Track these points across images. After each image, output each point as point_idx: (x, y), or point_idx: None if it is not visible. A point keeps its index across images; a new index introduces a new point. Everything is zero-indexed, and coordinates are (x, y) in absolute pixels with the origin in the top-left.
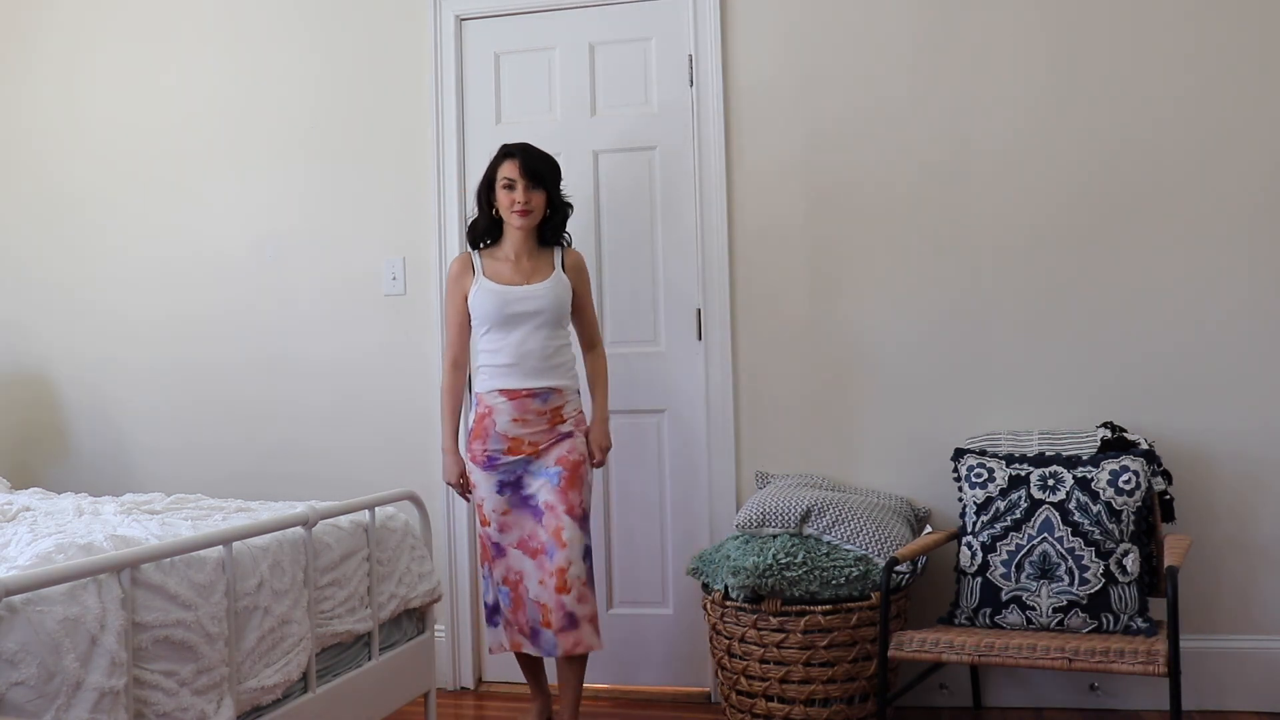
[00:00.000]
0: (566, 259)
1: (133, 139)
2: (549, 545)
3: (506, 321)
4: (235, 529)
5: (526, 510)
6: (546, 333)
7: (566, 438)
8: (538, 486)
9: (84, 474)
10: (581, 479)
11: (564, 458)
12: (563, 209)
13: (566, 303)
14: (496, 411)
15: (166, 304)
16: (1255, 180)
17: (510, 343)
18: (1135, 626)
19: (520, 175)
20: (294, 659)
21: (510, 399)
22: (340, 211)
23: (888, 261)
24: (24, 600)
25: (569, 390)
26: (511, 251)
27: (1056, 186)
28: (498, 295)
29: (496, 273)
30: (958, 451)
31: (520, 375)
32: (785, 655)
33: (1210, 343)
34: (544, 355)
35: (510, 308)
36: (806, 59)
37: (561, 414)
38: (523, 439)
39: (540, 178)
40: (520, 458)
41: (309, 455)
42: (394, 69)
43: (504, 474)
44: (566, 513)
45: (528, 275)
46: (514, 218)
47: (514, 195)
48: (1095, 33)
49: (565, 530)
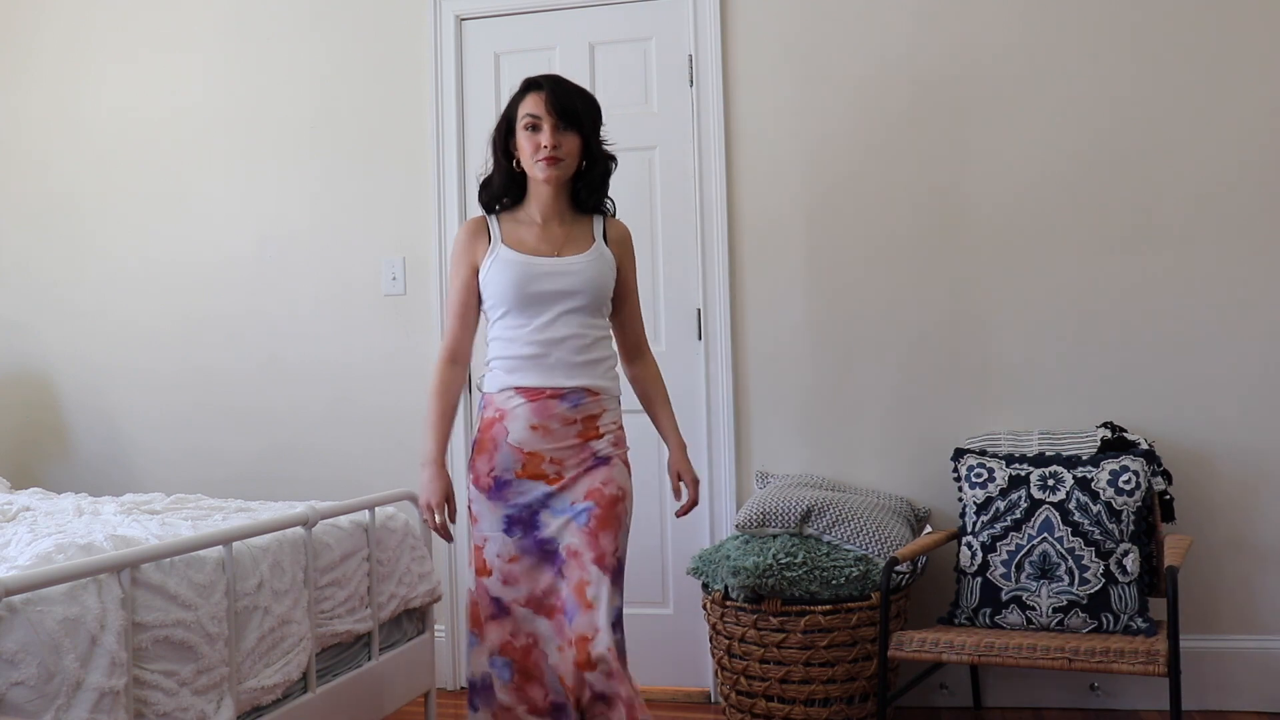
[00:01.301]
0: (610, 230)
1: (133, 140)
2: (569, 605)
3: (529, 302)
4: (235, 529)
5: (543, 558)
6: (582, 319)
7: (602, 464)
8: (559, 527)
9: (84, 474)
10: (619, 520)
11: (597, 490)
12: (603, 161)
13: (608, 283)
14: (510, 416)
15: (166, 303)
16: (1255, 180)
17: (533, 329)
18: (1135, 626)
19: (548, 112)
20: (294, 659)
21: (530, 400)
22: (340, 211)
23: (888, 261)
24: (24, 600)
25: (608, 396)
26: (538, 213)
27: (1056, 186)
28: (520, 267)
29: (518, 240)
30: (958, 451)
31: (544, 370)
32: (785, 655)
33: (1210, 343)
34: (578, 347)
35: (535, 284)
36: (807, 59)
37: (596, 426)
38: (543, 455)
39: (574, 117)
40: (538, 484)
41: (309, 455)
42: (394, 69)
43: (515, 506)
44: (595, 562)
45: (559, 245)
46: (540, 167)
47: (539, 138)
48: (1096, 33)
49: (591, 586)
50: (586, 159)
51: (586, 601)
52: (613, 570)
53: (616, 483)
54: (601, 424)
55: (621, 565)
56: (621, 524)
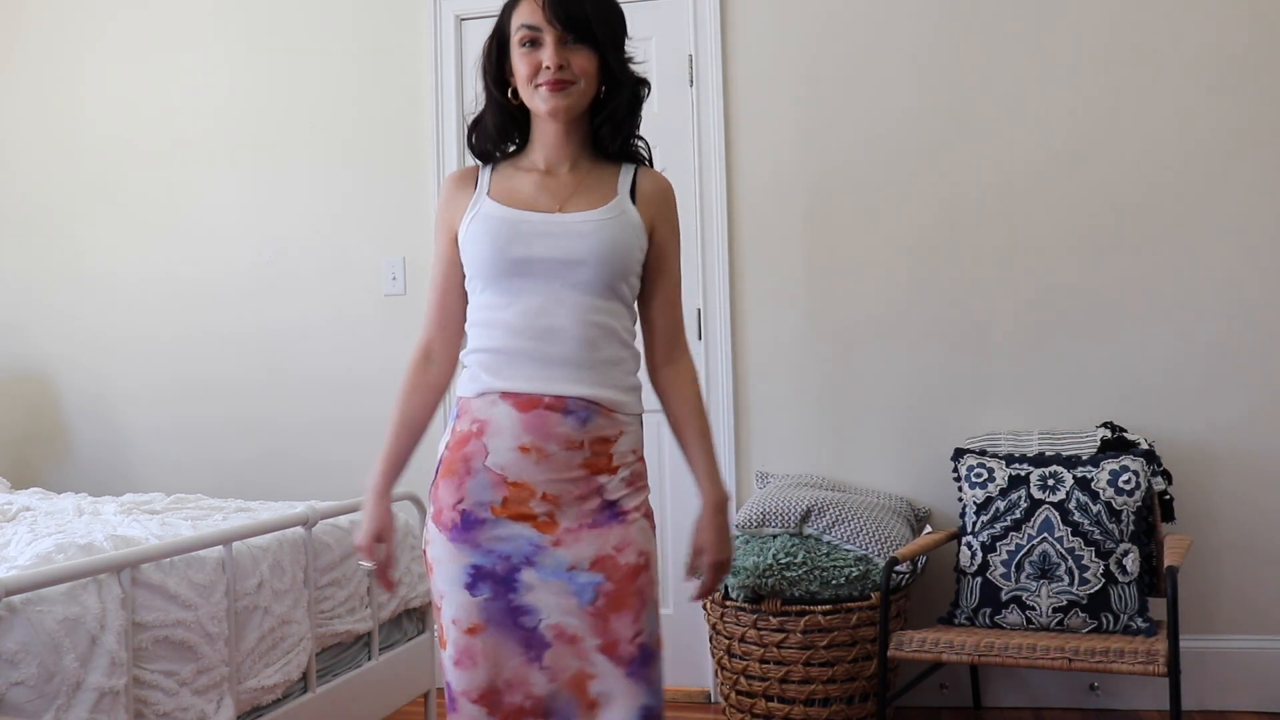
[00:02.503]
0: (643, 180)
1: (133, 140)
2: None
3: (511, 271)
4: (235, 529)
5: (513, 634)
6: (586, 301)
7: (616, 520)
8: (546, 596)
9: (84, 474)
10: (640, 597)
11: (608, 558)
12: (630, 85)
13: (631, 251)
14: (492, 430)
15: (166, 303)
16: (1254, 180)
17: (521, 311)
18: (1135, 626)
19: (550, 21)
20: (294, 659)
21: (521, 410)
22: (340, 211)
23: (888, 261)
24: (24, 600)
25: (626, 414)
26: (543, 159)
27: (1057, 187)
28: (502, 224)
29: (509, 191)
30: (958, 451)
31: (541, 369)
32: (785, 655)
33: (1210, 343)
34: (585, 339)
35: (520, 247)
36: (807, 59)
37: (609, 455)
38: (533, 488)
39: (584, 25)
40: (522, 528)
41: (308, 454)
42: (394, 69)
43: (488, 555)
44: (603, 651)
45: (562, 198)
46: (541, 95)
47: (538, 56)
48: (1097, 37)
49: (597, 680)
50: (606, 83)
51: (589, 700)
52: (631, 661)
53: (636, 546)
54: (616, 453)
55: (648, 652)
56: (645, 600)
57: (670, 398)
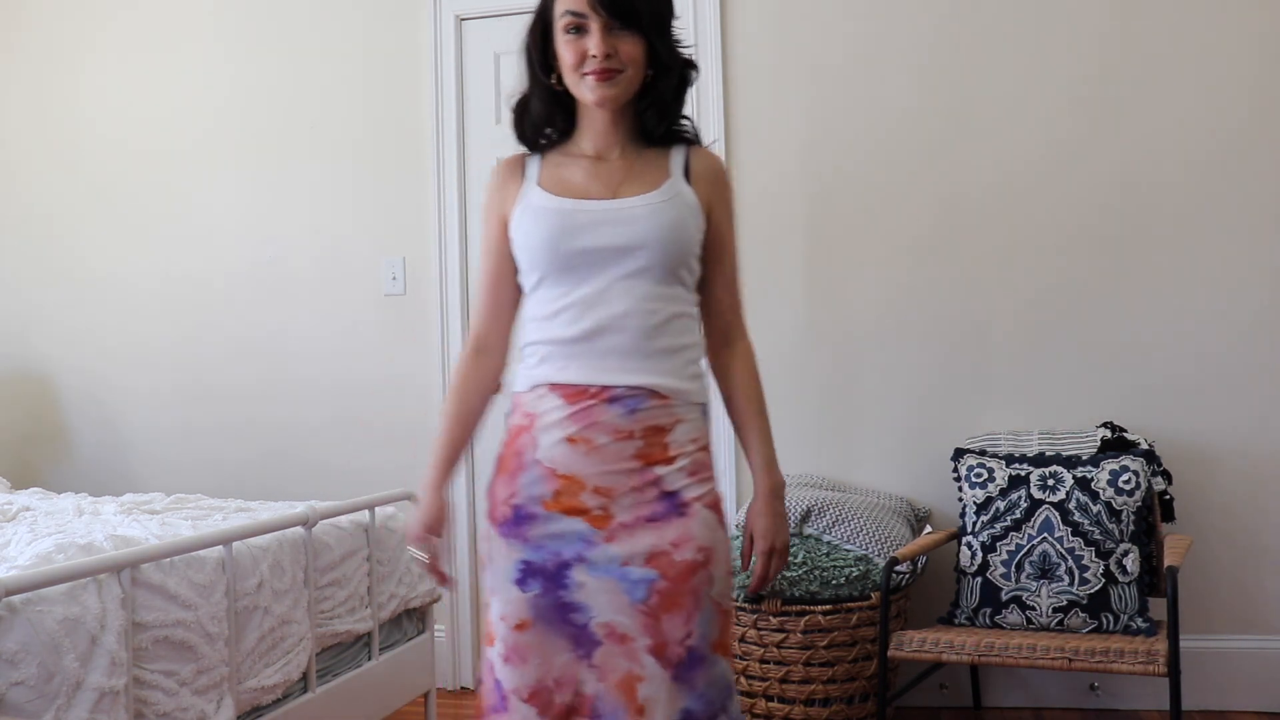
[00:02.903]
0: (695, 160)
1: (133, 140)
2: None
3: (569, 263)
4: (235, 529)
5: (563, 631)
6: (647, 288)
7: (675, 513)
8: (598, 592)
9: (84, 474)
10: (695, 596)
11: (663, 554)
12: (677, 69)
13: (690, 233)
14: (541, 424)
15: (166, 303)
16: (1254, 180)
17: (578, 302)
18: (1135, 626)
19: (595, 8)
20: (294, 659)
21: (569, 400)
22: (340, 211)
23: (888, 261)
24: (24, 600)
25: (684, 402)
26: (591, 146)
27: (1057, 188)
28: (555, 216)
29: (559, 180)
30: (958, 451)
31: (590, 360)
32: (785, 655)
33: (1210, 342)
34: (642, 329)
35: (577, 238)
36: (807, 58)
37: (665, 445)
38: (583, 482)
39: (631, 11)
40: (574, 522)
41: (309, 454)
42: (394, 69)
43: (538, 550)
44: (651, 652)
45: (615, 184)
46: (588, 85)
47: (584, 44)
48: (1097, 38)
49: (646, 684)
50: (654, 67)
51: (637, 705)
52: (678, 663)
53: (695, 542)
54: (672, 442)
55: (696, 655)
56: (700, 601)
57: (728, 382)
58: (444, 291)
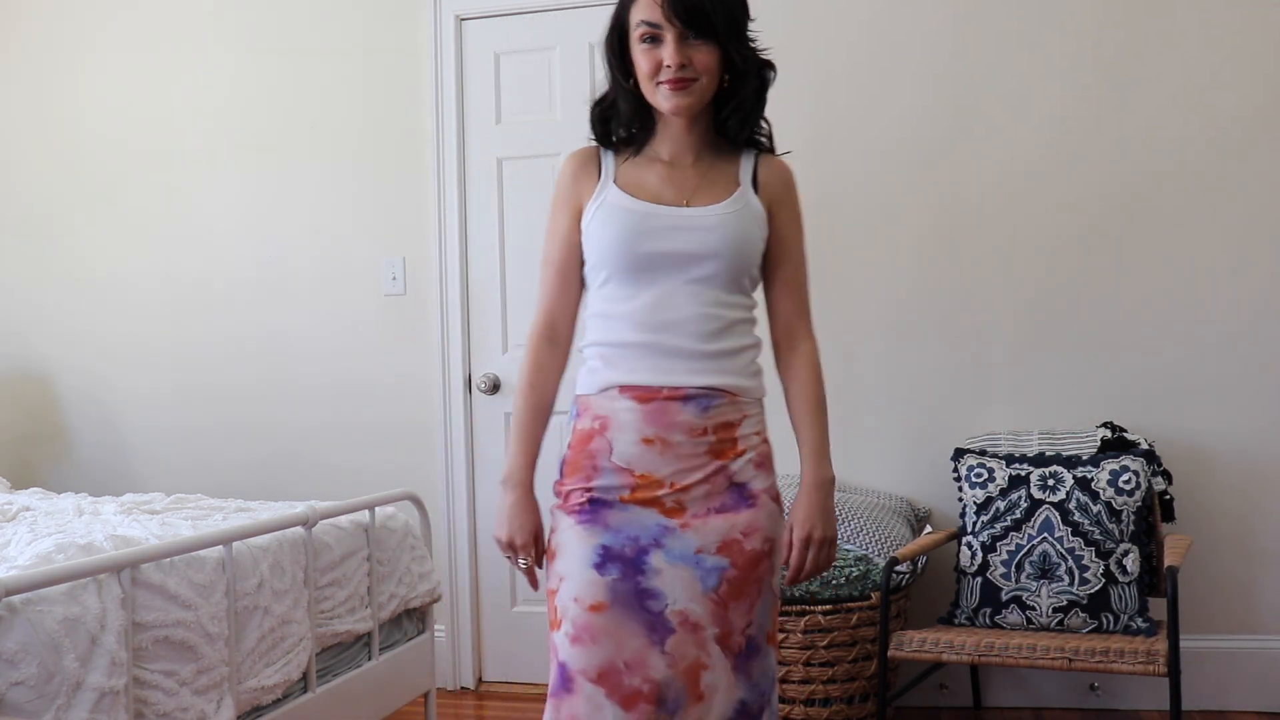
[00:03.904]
0: (763, 168)
1: (132, 141)
2: (673, 692)
3: (640, 266)
4: (235, 529)
5: (638, 615)
6: (714, 294)
7: (745, 504)
8: (674, 579)
9: (84, 474)
10: (759, 585)
11: (734, 542)
12: (756, 73)
13: (755, 244)
14: (615, 425)
15: (165, 303)
16: (1254, 180)
17: (644, 304)
18: (1135, 626)
19: (669, 18)
20: (294, 659)
21: (642, 402)
22: (340, 211)
23: (888, 261)
24: (24, 600)
25: (748, 398)
26: (667, 151)
27: (1057, 188)
28: (631, 218)
29: (636, 182)
30: (958, 451)
31: (659, 361)
32: (785, 655)
33: (1210, 343)
34: (707, 333)
35: (650, 242)
36: (807, 61)
37: (735, 439)
38: (661, 480)
39: (705, 20)
40: (650, 512)
41: (309, 454)
42: (394, 69)
43: (617, 536)
44: (719, 641)
45: (689, 191)
46: (663, 94)
47: (659, 54)
48: (1098, 41)
49: (709, 672)
50: (730, 73)
51: (698, 691)
52: (738, 652)
53: (763, 532)
54: (741, 436)
55: (755, 645)
56: (763, 590)
57: (792, 381)
58: (444, 291)
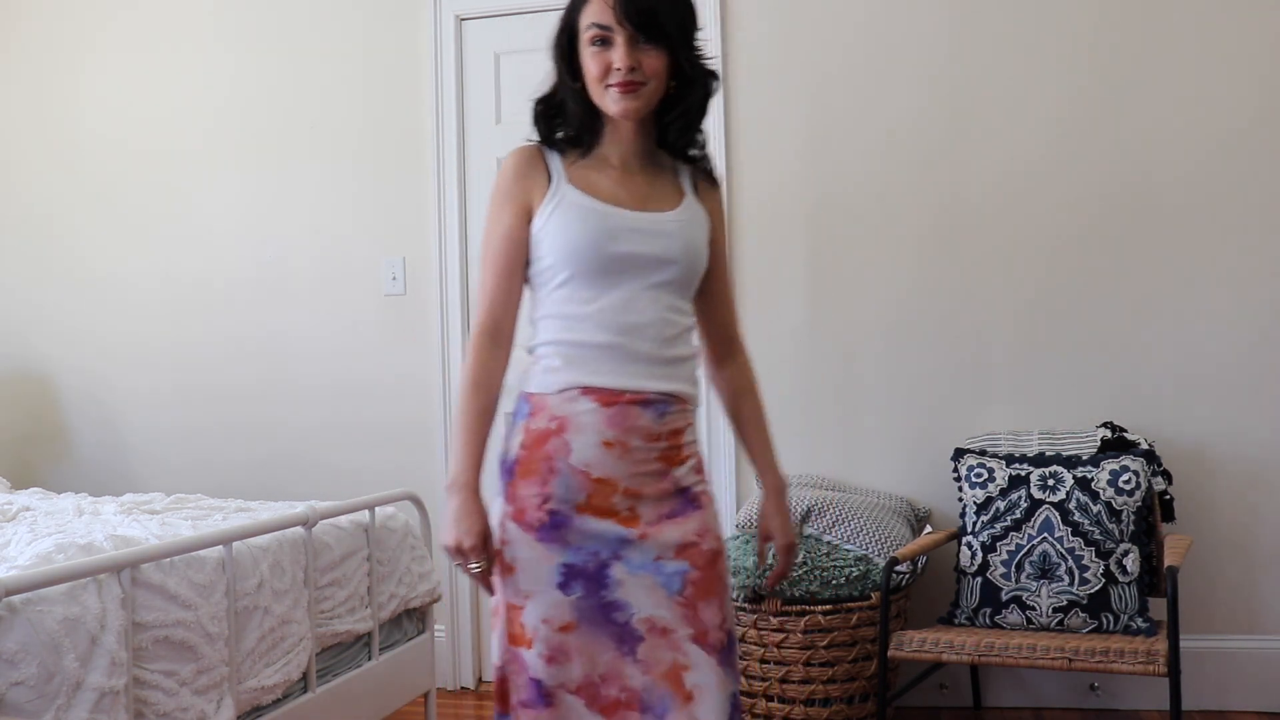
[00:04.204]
0: (701, 179)
1: (132, 141)
2: (655, 698)
3: (606, 268)
4: (235, 529)
5: (605, 629)
6: (671, 299)
7: (692, 507)
8: (636, 589)
9: (84, 474)
10: (722, 583)
11: (691, 545)
12: (702, 82)
13: (705, 252)
14: (574, 427)
15: (165, 303)
16: (1255, 181)
17: (608, 306)
18: (1135, 626)
19: (621, 21)
20: (294, 659)
21: (605, 405)
22: (340, 212)
23: (888, 261)
24: (24, 600)
25: (693, 406)
26: (615, 155)
27: (1057, 189)
28: (598, 218)
29: (592, 184)
30: (958, 451)
31: (623, 365)
32: (785, 655)
33: (1210, 343)
34: (666, 338)
35: (618, 244)
36: (807, 60)
37: (680, 447)
38: (616, 484)
39: (656, 25)
40: (607, 524)
41: (308, 454)
42: (394, 69)
43: (579, 553)
44: (695, 641)
45: (641, 197)
46: (612, 97)
47: (609, 56)
48: (1097, 42)
49: (692, 672)
50: (677, 79)
51: (685, 692)
52: (720, 648)
53: (713, 532)
54: (685, 443)
55: (732, 640)
56: (725, 585)
57: (734, 390)
58: (444, 291)
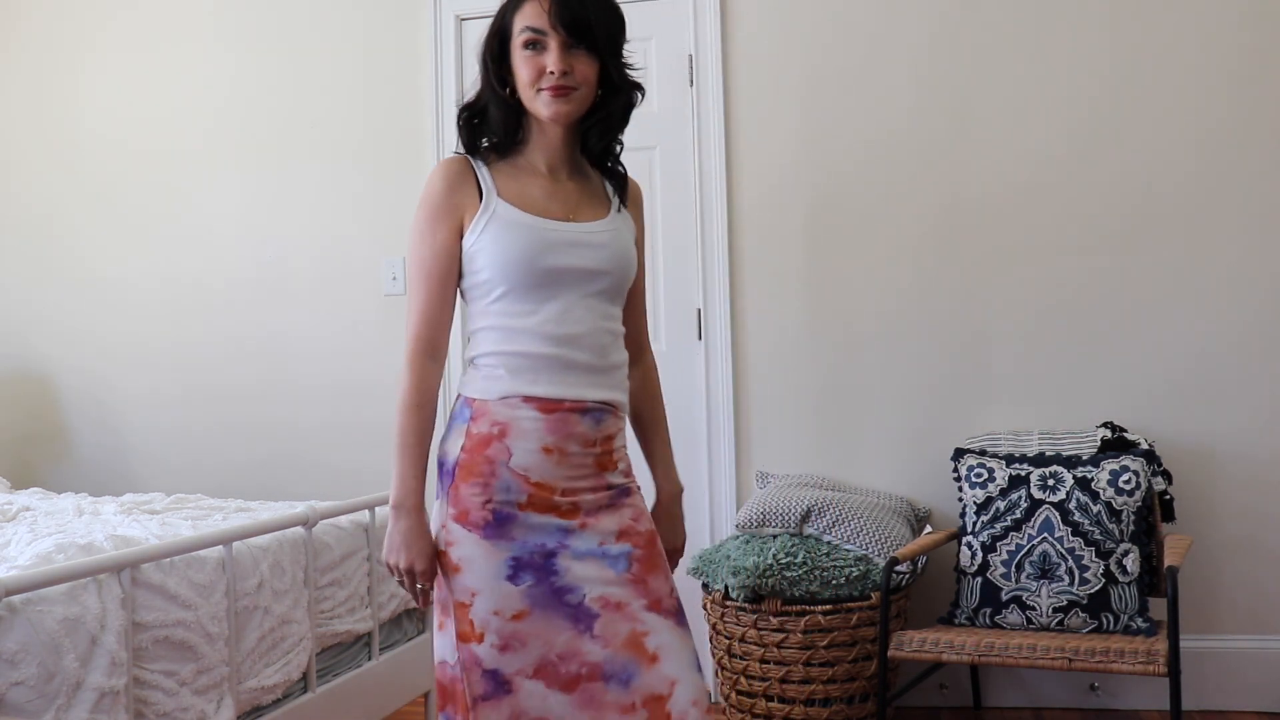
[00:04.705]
0: (624, 187)
1: (133, 141)
2: (618, 666)
3: (541, 281)
4: (235, 529)
5: (559, 612)
6: (604, 309)
7: (625, 498)
8: (584, 574)
9: (84, 474)
10: (664, 558)
11: (629, 528)
12: (626, 91)
13: (634, 260)
14: (515, 432)
15: (165, 303)
16: (1255, 181)
17: (547, 318)
18: (1135, 626)
19: (554, 26)
20: (294, 659)
21: (545, 413)
22: (340, 212)
23: (888, 261)
24: (24, 600)
25: (624, 413)
26: (543, 161)
27: (1057, 188)
28: (532, 233)
29: (521, 195)
30: (958, 451)
31: (565, 374)
32: (785, 655)
33: (1210, 343)
34: (601, 346)
35: (552, 257)
36: (807, 59)
37: (612, 451)
38: (554, 487)
39: (587, 31)
40: (548, 518)
41: (309, 454)
42: (394, 69)
43: (523, 547)
44: (651, 609)
45: (571, 207)
46: (544, 100)
47: (542, 60)
48: (1096, 42)
49: (652, 636)
50: (603, 87)
51: (649, 655)
52: (675, 612)
53: (646, 516)
54: (616, 448)
55: (682, 609)
56: (667, 564)
57: (641, 394)
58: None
